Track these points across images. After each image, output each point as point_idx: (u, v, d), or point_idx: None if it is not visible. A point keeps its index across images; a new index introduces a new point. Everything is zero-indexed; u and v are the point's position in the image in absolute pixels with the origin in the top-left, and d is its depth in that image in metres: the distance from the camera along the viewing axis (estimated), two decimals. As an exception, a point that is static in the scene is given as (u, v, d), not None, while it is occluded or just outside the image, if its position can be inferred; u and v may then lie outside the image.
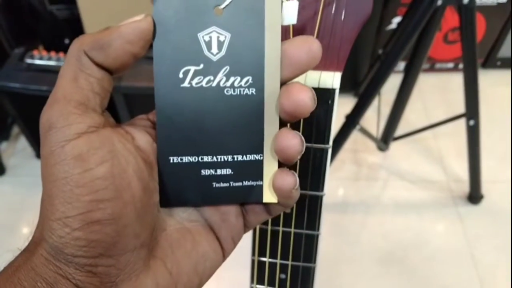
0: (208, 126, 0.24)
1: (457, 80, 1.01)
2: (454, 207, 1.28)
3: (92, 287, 0.22)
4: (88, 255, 0.21)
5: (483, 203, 1.27)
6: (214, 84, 0.24)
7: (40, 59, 1.18)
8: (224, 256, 0.27)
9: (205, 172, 0.25)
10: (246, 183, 0.26)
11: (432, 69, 1.61)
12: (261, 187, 0.26)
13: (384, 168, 1.37)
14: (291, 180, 0.25)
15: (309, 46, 0.23)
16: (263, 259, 0.38)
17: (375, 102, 1.12)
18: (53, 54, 1.19)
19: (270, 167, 0.25)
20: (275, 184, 0.25)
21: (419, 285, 1.15)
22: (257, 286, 0.39)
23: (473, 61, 0.95)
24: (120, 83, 1.07)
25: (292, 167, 0.26)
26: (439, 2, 0.87)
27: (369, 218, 1.27)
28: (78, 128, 0.22)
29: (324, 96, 0.27)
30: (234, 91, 0.24)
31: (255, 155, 0.25)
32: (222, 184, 0.26)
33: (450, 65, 1.59)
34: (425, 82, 1.57)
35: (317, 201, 0.33)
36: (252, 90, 0.24)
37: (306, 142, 0.29)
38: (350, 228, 1.25)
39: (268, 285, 0.39)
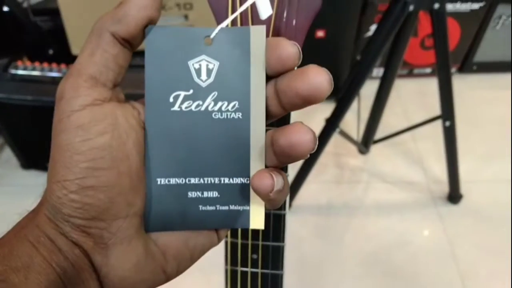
0: (196, 148, 0.25)
1: (435, 85, 1.05)
2: (434, 207, 1.31)
3: (87, 246, 0.24)
4: (82, 216, 0.23)
5: (462, 203, 1.30)
6: (203, 108, 0.25)
7: (24, 69, 1.19)
8: (219, 238, 0.28)
9: (192, 194, 0.26)
10: (232, 207, 0.26)
11: (410, 74, 1.65)
12: (248, 212, 0.26)
13: (366, 171, 1.40)
14: (268, 182, 0.24)
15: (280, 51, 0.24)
16: (235, 240, 0.39)
17: (355, 107, 1.16)
18: (37, 64, 1.20)
19: None
20: (252, 184, 0.25)
21: (402, 285, 1.17)
22: (231, 267, 0.41)
23: (446, 63, 0.99)
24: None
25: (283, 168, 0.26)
26: (411, 8, 0.91)
27: (352, 220, 1.29)
28: (84, 100, 0.23)
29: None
30: (221, 115, 0.25)
31: (241, 179, 0.26)
32: (208, 207, 0.26)
33: (428, 70, 1.64)
34: (404, 87, 1.61)
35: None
36: (239, 114, 0.25)
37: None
38: (333, 230, 1.27)
39: (241, 265, 0.41)
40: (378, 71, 1.54)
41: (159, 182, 0.26)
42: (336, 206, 1.32)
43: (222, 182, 0.26)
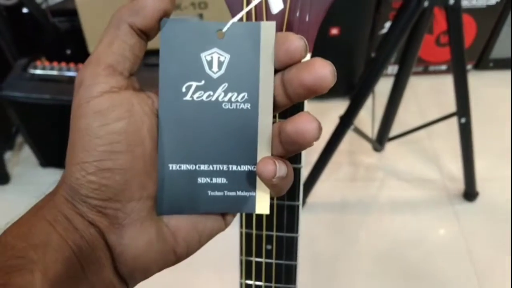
0: (206, 136, 0.27)
1: (450, 82, 1.04)
2: (450, 205, 1.30)
3: (102, 226, 0.25)
4: (99, 197, 0.25)
5: (478, 200, 1.29)
6: (213, 98, 0.26)
7: (43, 69, 1.22)
8: (226, 224, 0.30)
9: (201, 180, 0.27)
10: (239, 193, 0.28)
11: (425, 71, 1.64)
12: (254, 198, 0.28)
13: (381, 168, 1.40)
14: (271, 168, 0.25)
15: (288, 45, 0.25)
16: (250, 231, 0.40)
17: (369, 104, 1.15)
18: (55, 64, 1.23)
19: None
20: (257, 170, 0.26)
21: (417, 282, 1.17)
22: (246, 258, 0.42)
23: (462, 59, 0.98)
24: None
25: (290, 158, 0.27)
26: (426, 3, 0.91)
27: (366, 218, 1.29)
28: (103, 87, 0.25)
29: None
30: (231, 106, 0.26)
31: (248, 166, 0.27)
32: (216, 193, 0.27)
33: (443, 67, 1.63)
34: (419, 84, 1.60)
35: (295, 173, 0.36)
36: (248, 105, 0.26)
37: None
38: (347, 228, 1.27)
39: (256, 256, 0.42)
40: (393, 69, 1.54)
41: (170, 168, 0.27)
42: (350, 204, 1.32)
43: (230, 169, 0.27)
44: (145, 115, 0.26)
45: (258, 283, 0.43)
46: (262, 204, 0.28)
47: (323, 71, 0.24)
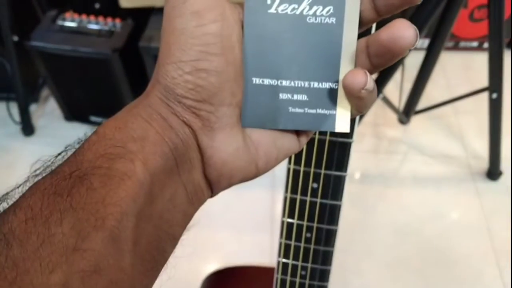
0: (289, 51, 0.26)
1: (481, 59, 1.02)
2: (472, 182, 1.29)
3: (196, 126, 0.26)
4: (194, 98, 0.25)
5: (501, 180, 1.28)
6: (298, 12, 0.26)
7: (72, 21, 1.22)
8: (300, 145, 0.30)
9: (283, 96, 0.27)
10: (320, 111, 0.27)
11: (456, 47, 1.61)
12: (334, 116, 0.27)
13: (404, 142, 1.39)
14: (362, 79, 0.24)
15: None
16: (298, 167, 0.40)
17: (397, 78, 1.14)
18: (84, 17, 1.22)
19: (344, 97, 0.27)
20: (344, 81, 0.25)
21: (434, 256, 1.17)
22: (291, 195, 0.42)
23: (499, 32, 0.96)
24: (150, 44, 1.10)
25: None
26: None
27: (387, 190, 1.29)
28: None
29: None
30: (315, 20, 0.26)
31: (330, 84, 0.27)
32: (297, 110, 0.27)
33: (475, 43, 1.59)
34: (449, 60, 1.57)
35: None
36: (333, 20, 0.25)
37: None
38: (367, 199, 1.27)
39: (301, 194, 0.41)
40: (422, 42, 1.50)
41: (254, 81, 0.27)
42: (371, 175, 1.32)
43: (312, 86, 0.27)
44: (235, 23, 0.26)
45: (300, 222, 0.43)
46: (342, 123, 0.28)
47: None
